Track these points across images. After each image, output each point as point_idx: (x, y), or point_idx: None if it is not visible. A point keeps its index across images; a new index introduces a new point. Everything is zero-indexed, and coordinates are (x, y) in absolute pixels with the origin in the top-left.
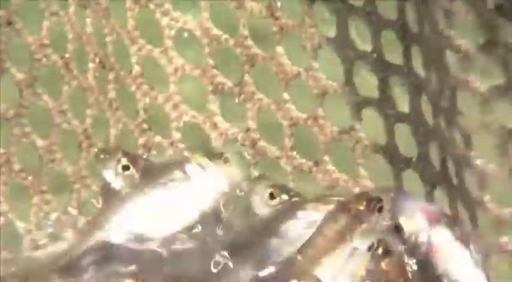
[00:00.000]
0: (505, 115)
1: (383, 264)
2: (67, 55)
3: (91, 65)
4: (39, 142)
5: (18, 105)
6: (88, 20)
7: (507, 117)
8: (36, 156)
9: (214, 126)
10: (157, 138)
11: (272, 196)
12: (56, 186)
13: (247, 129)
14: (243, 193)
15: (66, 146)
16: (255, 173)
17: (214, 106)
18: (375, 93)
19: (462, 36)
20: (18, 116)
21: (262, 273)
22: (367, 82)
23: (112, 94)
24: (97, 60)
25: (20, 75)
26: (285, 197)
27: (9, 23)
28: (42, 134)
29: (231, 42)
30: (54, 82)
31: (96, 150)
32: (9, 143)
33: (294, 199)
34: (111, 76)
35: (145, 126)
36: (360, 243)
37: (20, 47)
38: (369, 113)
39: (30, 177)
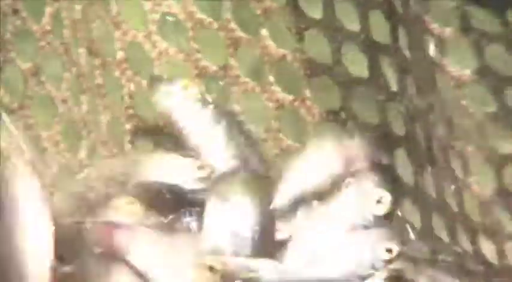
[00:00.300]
0: (480, 99)
1: None
2: (66, 40)
3: (81, 51)
4: (44, 134)
5: (22, 96)
6: (76, 7)
7: (482, 101)
8: (40, 149)
9: None
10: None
11: None
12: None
13: None
14: None
15: (68, 135)
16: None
17: (200, 89)
18: (365, 73)
19: (437, 21)
20: (22, 108)
21: None
22: (356, 62)
23: (99, 80)
24: (85, 45)
25: (25, 65)
26: None
27: (15, 12)
28: (45, 124)
29: (215, 25)
30: (56, 70)
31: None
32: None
33: None
34: (97, 62)
35: (131, 111)
36: None
37: (26, 36)
38: (358, 93)
39: None
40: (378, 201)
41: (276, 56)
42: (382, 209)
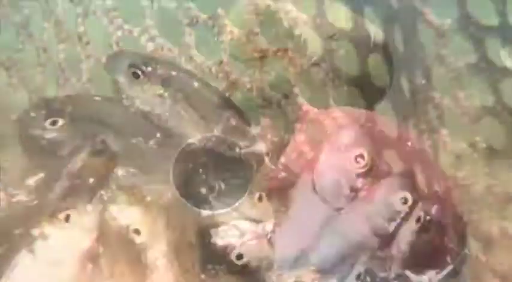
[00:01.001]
0: (459, 49)
1: None
2: None
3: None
4: (31, 85)
5: (15, 50)
6: None
7: (462, 52)
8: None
9: (190, 59)
10: None
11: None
12: None
13: (221, 62)
14: None
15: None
16: None
17: (189, 39)
18: (348, 25)
19: None
20: (16, 63)
21: None
22: (340, 14)
23: (81, 28)
24: None
25: (16, 18)
26: None
27: None
28: (32, 75)
29: None
30: (38, 19)
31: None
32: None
33: None
34: (79, 10)
35: None
36: None
37: None
38: (341, 45)
39: None
40: (357, 159)
41: (261, 5)
42: (362, 166)
